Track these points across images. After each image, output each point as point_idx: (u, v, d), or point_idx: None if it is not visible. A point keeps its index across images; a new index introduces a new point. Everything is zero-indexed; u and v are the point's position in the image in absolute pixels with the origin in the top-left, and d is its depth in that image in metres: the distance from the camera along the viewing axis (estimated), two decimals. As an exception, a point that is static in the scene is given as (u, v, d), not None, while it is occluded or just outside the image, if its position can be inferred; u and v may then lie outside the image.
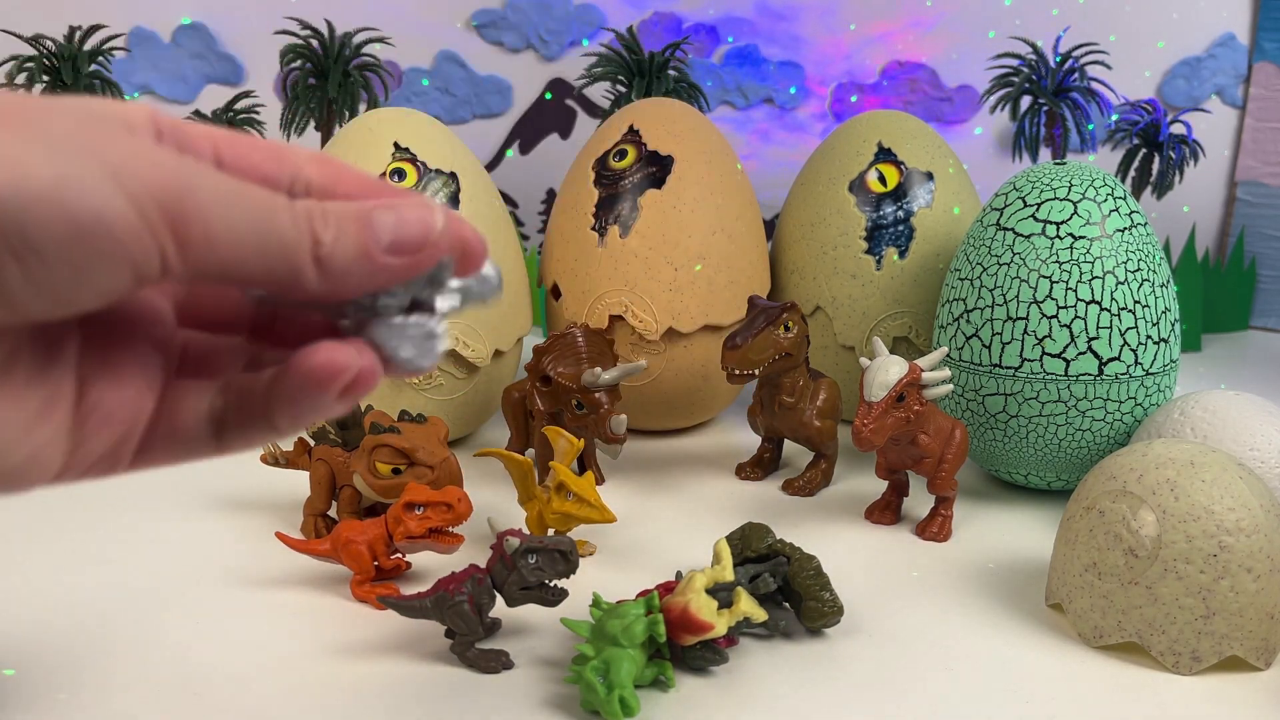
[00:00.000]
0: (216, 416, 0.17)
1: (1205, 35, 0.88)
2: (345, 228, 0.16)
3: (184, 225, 0.15)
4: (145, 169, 0.14)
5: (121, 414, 0.17)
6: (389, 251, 0.16)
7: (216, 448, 0.18)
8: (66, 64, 0.68)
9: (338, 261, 0.16)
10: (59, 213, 0.14)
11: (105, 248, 0.14)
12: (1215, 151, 0.89)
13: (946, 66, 0.89)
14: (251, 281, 0.16)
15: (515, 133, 0.90)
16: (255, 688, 0.38)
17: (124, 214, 0.14)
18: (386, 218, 0.17)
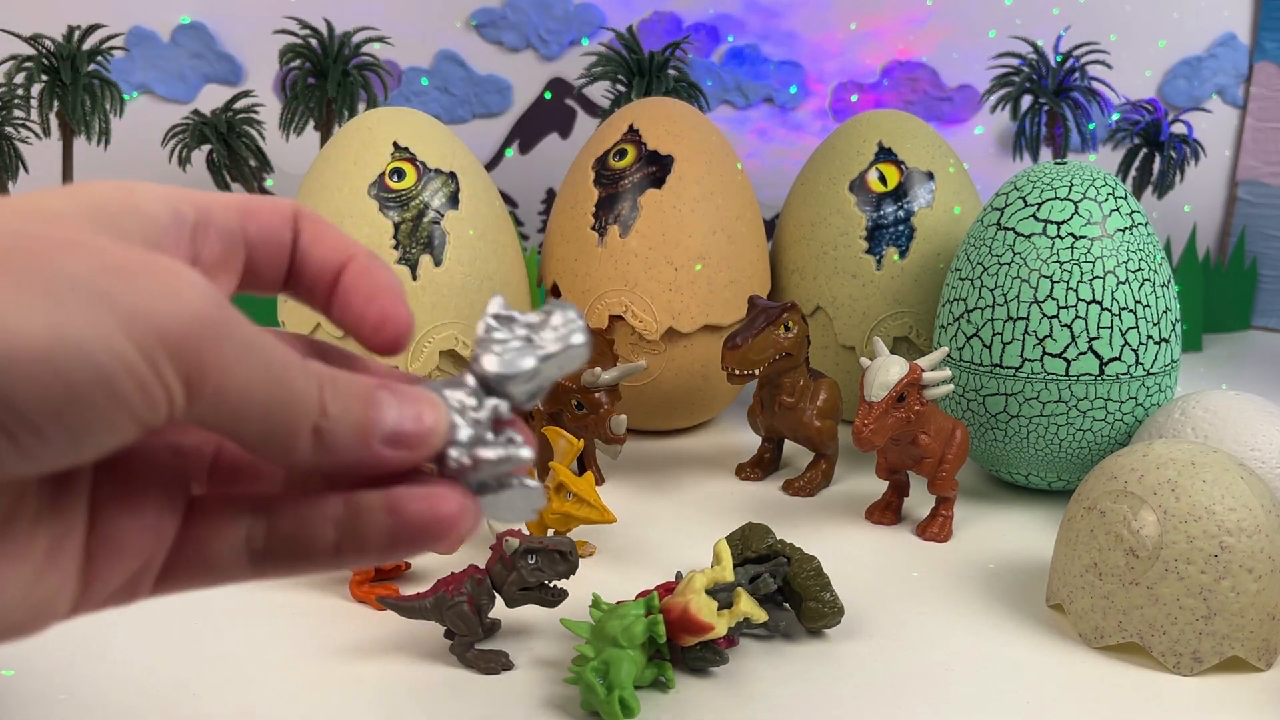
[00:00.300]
0: (255, 546, 0.16)
1: (1206, 35, 0.88)
2: (350, 406, 0.15)
3: (199, 377, 0.14)
4: (164, 315, 0.13)
5: (138, 546, 0.15)
6: (385, 442, 0.16)
7: (253, 575, 0.16)
8: (65, 63, 0.68)
9: (336, 439, 0.15)
10: (52, 377, 0.12)
11: (105, 408, 0.13)
12: (1216, 151, 0.89)
13: (947, 66, 0.89)
14: (242, 438, 0.15)
15: (515, 132, 0.90)
16: (254, 688, 0.38)
17: (133, 366, 0.13)
18: (390, 406, 0.16)
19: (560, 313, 0.17)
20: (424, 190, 0.57)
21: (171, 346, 0.13)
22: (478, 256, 0.57)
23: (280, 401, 0.15)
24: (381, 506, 0.16)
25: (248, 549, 0.16)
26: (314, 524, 0.16)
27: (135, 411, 0.13)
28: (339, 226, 0.68)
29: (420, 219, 0.56)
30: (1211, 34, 0.88)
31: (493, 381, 0.17)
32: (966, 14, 0.88)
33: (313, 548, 0.16)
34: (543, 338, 0.17)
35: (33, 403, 0.12)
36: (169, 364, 0.13)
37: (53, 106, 0.69)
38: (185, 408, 0.14)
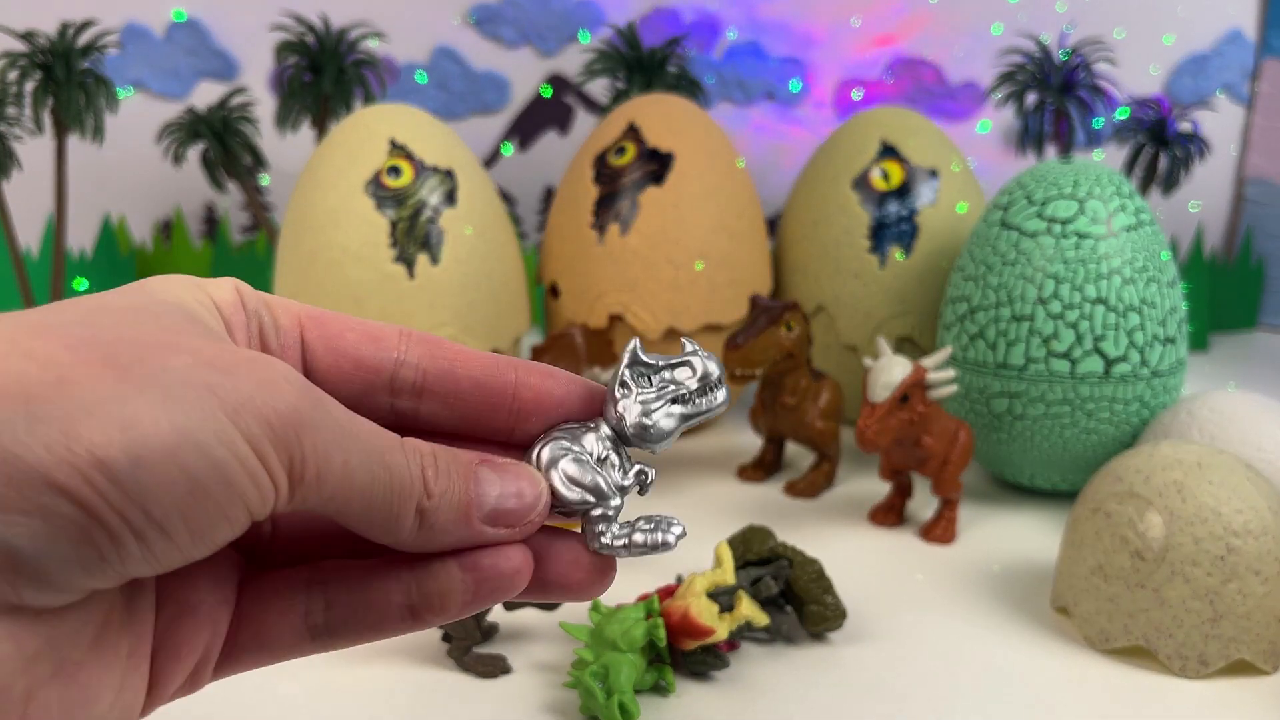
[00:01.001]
0: (315, 621, 0.16)
1: (1212, 31, 0.88)
2: (453, 484, 0.15)
3: (300, 464, 0.14)
4: (264, 406, 0.13)
5: (196, 641, 0.15)
6: (487, 520, 0.16)
7: (316, 649, 0.16)
8: (59, 60, 0.68)
9: (438, 518, 0.15)
10: (178, 473, 0.12)
11: (226, 505, 0.13)
12: (1223, 149, 0.88)
13: (951, 62, 0.88)
14: (346, 520, 0.15)
15: (513, 129, 0.89)
16: (251, 691, 0.37)
17: (245, 457, 0.13)
18: (492, 480, 0.16)
19: (703, 365, 0.17)
20: (421, 188, 0.56)
21: (274, 435, 0.13)
22: (475, 255, 0.57)
23: (383, 484, 0.15)
24: (455, 565, 0.16)
25: (307, 625, 0.16)
26: (380, 593, 0.16)
27: (249, 503, 0.13)
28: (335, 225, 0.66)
29: (417, 217, 0.56)
30: (1218, 30, 0.88)
31: (631, 436, 0.17)
32: (971, 10, 0.87)
33: (382, 616, 0.16)
34: (686, 396, 0.17)
35: (161, 500, 0.12)
36: (274, 454, 0.13)
37: (46, 103, 0.69)
38: (289, 497, 0.14)
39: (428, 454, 0.15)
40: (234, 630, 0.16)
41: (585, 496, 0.16)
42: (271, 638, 0.16)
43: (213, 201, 0.86)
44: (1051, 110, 0.75)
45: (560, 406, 0.17)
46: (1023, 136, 0.76)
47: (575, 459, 0.17)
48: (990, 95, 0.81)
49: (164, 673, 0.15)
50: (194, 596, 0.15)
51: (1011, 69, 0.76)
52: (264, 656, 0.16)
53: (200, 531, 0.13)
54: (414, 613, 0.16)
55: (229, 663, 0.16)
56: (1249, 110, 0.89)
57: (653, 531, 0.16)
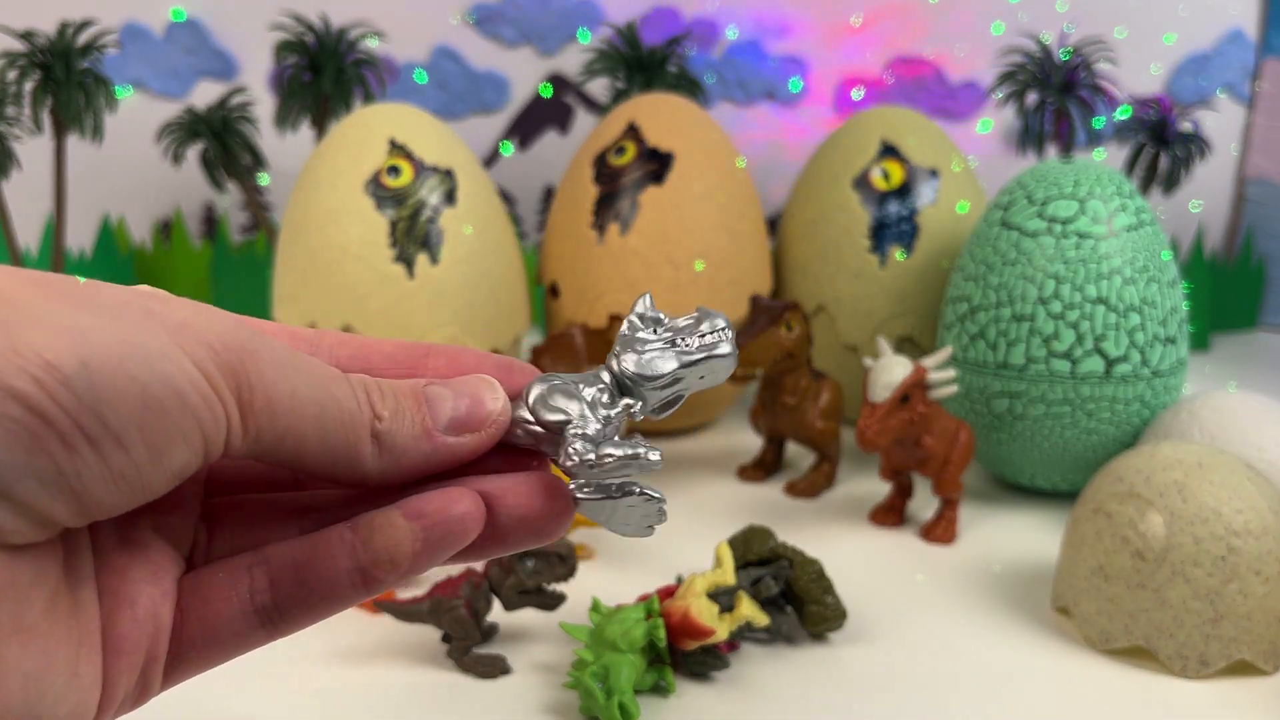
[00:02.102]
0: (261, 601, 0.15)
1: (1213, 31, 0.88)
2: (402, 404, 0.15)
3: (248, 390, 0.14)
4: (205, 329, 0.13)
5: (135, 639, 0.14)
6: (450, 430, 0.15)
7: (269, 633, 0.15)
8: (58, 60, 0.68)
9: (398, 439, 0.15)
10: (128, 382, 0.12)
11: (179, 420, 0.13)
12: (1223, 148, 0.88)
13: (951, 62, 0.88)
14: (307, 460, 0.15)
15: (513, 129, 0.89)
16: (250, 692, 0.37)
17: (192, 376, 0.13)
18: (443, 394, 0.16)
19: (709, 321, 0.17)
20: (421, 187, 0.56)
21: (218, 359, 0.13)
22: (475, 255, 0.57)
23: (330, 409, 0.14)
24: (400, 516, 0.15)
25: (254, 608, 0.15)
26: (325, 561, 0.15)
27: (203, 423, 0.13)
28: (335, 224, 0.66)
29: (417, 217, 0.56)
30: (1219, 30, 0.88)
31: (629, 381, 0.16)
32: (971, 9, 0.87)
33: (331, 585, 0.15)
34: (687, 344, 0.17)
35: (115, 406, 0.12)
36: (219, 376, 0.13)
37: (46, 103, 0.68)
38: (241, 426, 0.14)
39: (370, 382, 0.15)
40: (179, 625, 0.15)
41: (563, 415, 0.16)
42: (219, 628, 0.15)
43: (212, 201, 0.85)
44: (1052, 110, 0.74)
45: (477, 365, 0.17)
46: (1023, 136, 0.76)
47: (560, 388, 0.16)
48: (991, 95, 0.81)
49: (111, 671, 0.14)
50: (131, 589, 0.15)
51: (1012, 68, 0.76)
52: (214, 651, 0.15)
53: (157, 447, 0.13)
54: (365, 575, 0.15)
55: (179, 662, 0.15)
56: (1250, 110, 0.89)
57: (626, 444, 0.16)
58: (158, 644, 0.15)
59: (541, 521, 0.16)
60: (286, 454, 0.14)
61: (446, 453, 0.16)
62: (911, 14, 0.88)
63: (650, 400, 0.17)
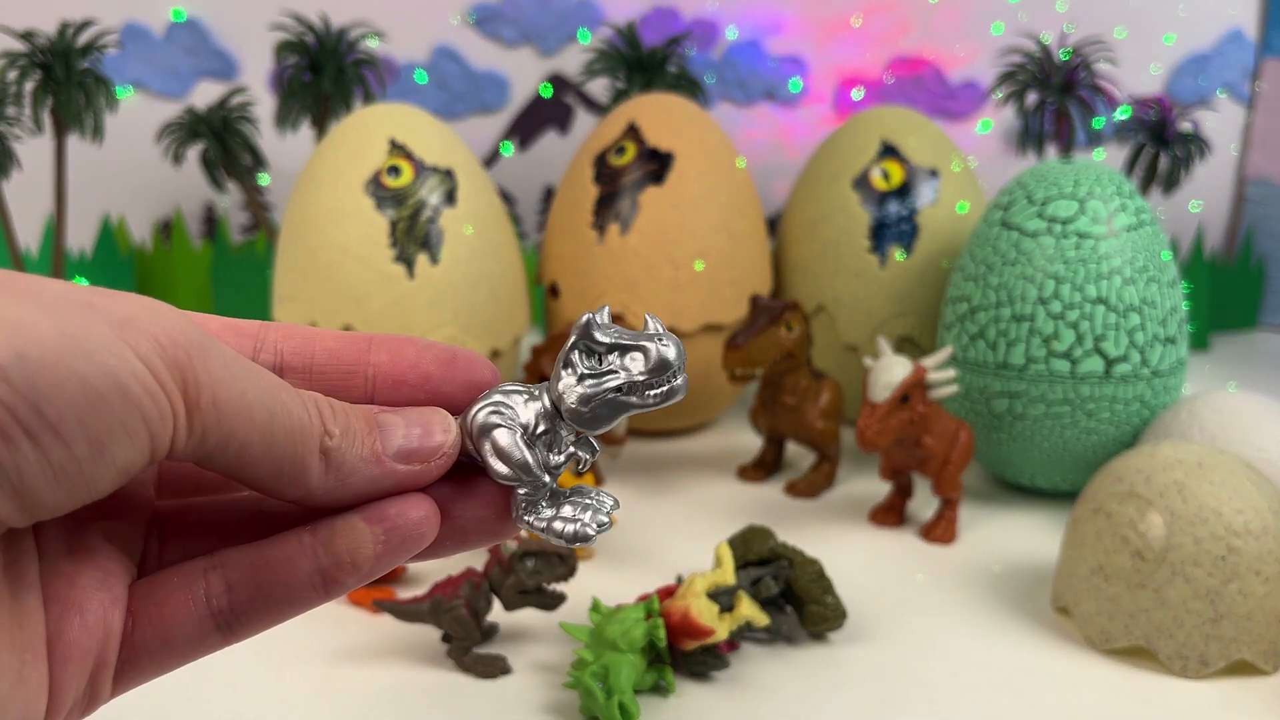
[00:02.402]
0: (218, 605, 0.15)
1: (1213, 31, 0.88)
2: (353, 424, 0.15)
3: (194, 387, 0.13)
4: (150, 324, 0.13)
5: (84, 645, 0.14)
6: (398, 458, 0.15)
7: (225, 637, 0.15)
8: (58, 60, 0.68)
9: (346, 458, 0.15)
10: (70, 377, 0.12)
11: (122, 414, 0.12)
12: (1223, 148, 0.88)
13: (951, 62, 0.88)
14: (253, 469, 0.14)
15: (513, 129, 0.89)
16: (250, 692, 0.37)
17: (138, 375, 0.13)
18: (395, 421, 0.16)
19: (656, 350, 0.15)
20: (421, 187, 0.56)
21: (164, 354, 0.13)
22: (475, 255, 0.57)
23: (281, 422, 0.14)
24: (360, 520, 0.15)
25: (210, 613, 0.15)
26: (284, 564, 0.15)
27: (147, 417, 0.13)
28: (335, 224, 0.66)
29: (417, 217, 0.56)
30: (1218, 30, 0.88)
31: (566, 418, 0.16)
32: (971, 9, 0.87)
33: (290, 588, 0.15)
34: (633, 385, 0.15)
35: (53, 399, 0.12)
36: (165, 371, 0.13)
37: (46, 103, 0.68)
38: (187, 424, 0.13)
39: (321, 399, 0.15)
40: (130, 631, 0.15)
41: (513, 472, 0.16)
42: (173, 633, 0.15)
43: (212, 201, 0.85)
44: (1052, 110, 0.74)
45: (415, 368, 0.17)
46: (1023, 136, 0.76)
47: (508, 429, 0.16)
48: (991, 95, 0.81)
49: (58, 678, 0.14)
50: (80, 596, 0.14)
51: (1012, 68, 0.76)
52: (167, 656, 0.15)
53: (99, 441, 0.12)
54: (325, 577, 0.15)
55: (131, 668, 0.15)
56: (1250, 110, 0.89)
57: (573, 521, 0.16)
58: (107, 650, 0.14)
59: (496, 524, 0.16)
60: (230, 459, 0.14)
61: (393, 480, 0.15)
62: (911, 14, 0.88)
63: (589, 431, 0.16)
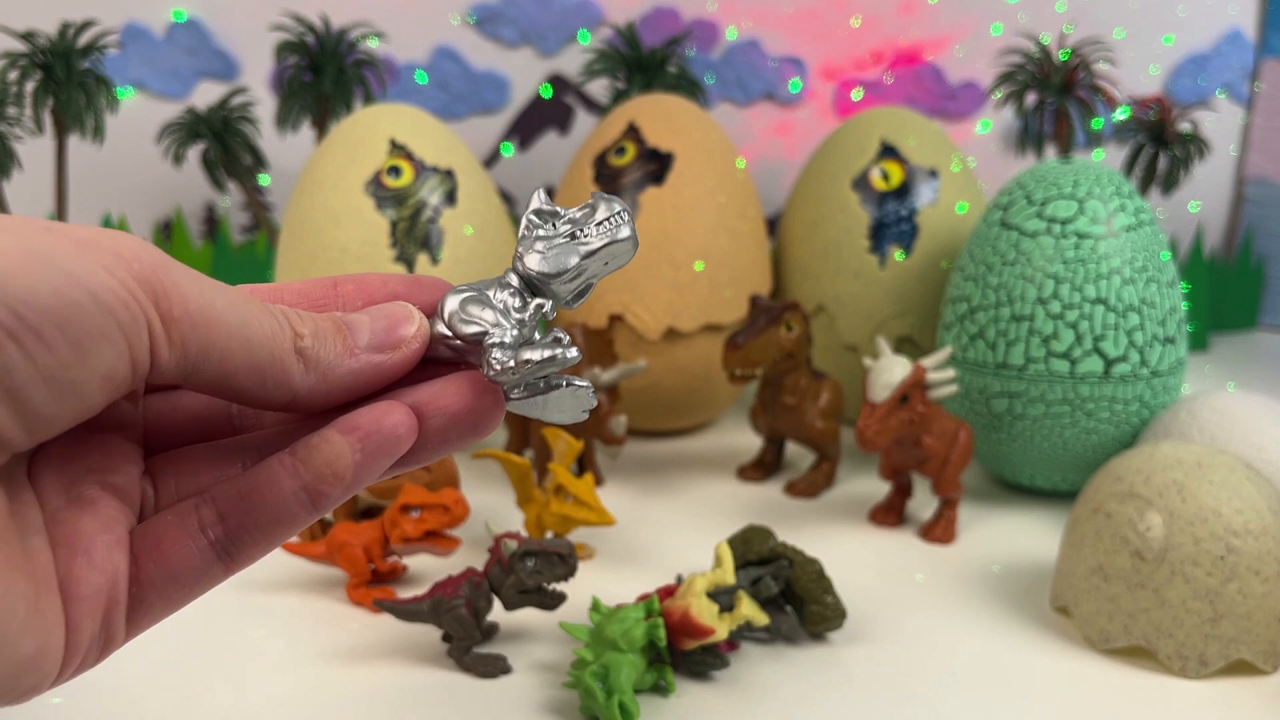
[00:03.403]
0: (215, 535, 0.16)
1: (1212, 31, 0.88)
2: (321, 327, 0.16)
3: (164, 298, 0.14)
4: (112, 242, 0.14)
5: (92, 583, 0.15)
6: (370, 348, 0.16)
7: (226, 566, 0.16)
8: (59, 60, 0.68)
9: (321, 355, 0.16)
10: (41, 285, 0.13)
11: (98, 319, 0.13)
12: (1223, 149, 0.88)
13: (951, 62, 0.88)
14: (237, 378, 0.15)
15: (513, 129, 0.89)
16: (251, 691, 0.37)
17: (106, 283, 0.13)
18: (360, 319, 0.16)
19: (605, 205, 0.17)
20: (421, 188, 0.56)
21: (129, 268, 0.13)
22: (475, 255, 0.57)
23: (253, 326, 0.15)
24: (335, 433, 0.16)
25: (209, 542, 0.16)
26: (269, 486, 0.16)
27: (121, 321, 0.13)
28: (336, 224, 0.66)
29: (417, 217, 0.56)
30: (1218, 31, 0.88)
31: (536, 280, 0.17)
32: (971, 10, 0.87)
33: (278, 508, 0.16)
34: (587, 233, 0.17)
35: (29, 303, 0.12)
36: (134, 283, 0.13)
37: (46, 103, 0.69)
38: (164, 335, 0.14)
39: (286, 308, 0.16)
40: (136, 571, 0.15)
41: (479, 326, 0.16)
42: (175, 567, 0.15)
43: (213, 201, 0.86)
44: (1051, 110, 0.74)
45: (382, 289, 0.17)
46: (1023, 136, 0.76)
47: (473, 299, 0.17)
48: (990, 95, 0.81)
49: (73, 616, 0.14)
50: (85, 540, 0.15)
51: (1011, 69, 0.76)
52: (175, 591, 0.16)
53: (80, 344, 0.13)
54: (310, 492, 0.16)
55: (142, 606, 0.15)
56: (1249, 110, 0.89)
57: (543, 345, 0.16)
58: (117, 589, 0.15)
59: (475, 416, 0.17)
60: (214, 370, 0.15)
61: (371, 369, 0.16)
62: (911, 15, 0.88)
63: (560, 294, 0.17)
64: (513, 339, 0.16)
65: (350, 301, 0.17)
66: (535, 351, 0.16)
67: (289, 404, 0.16)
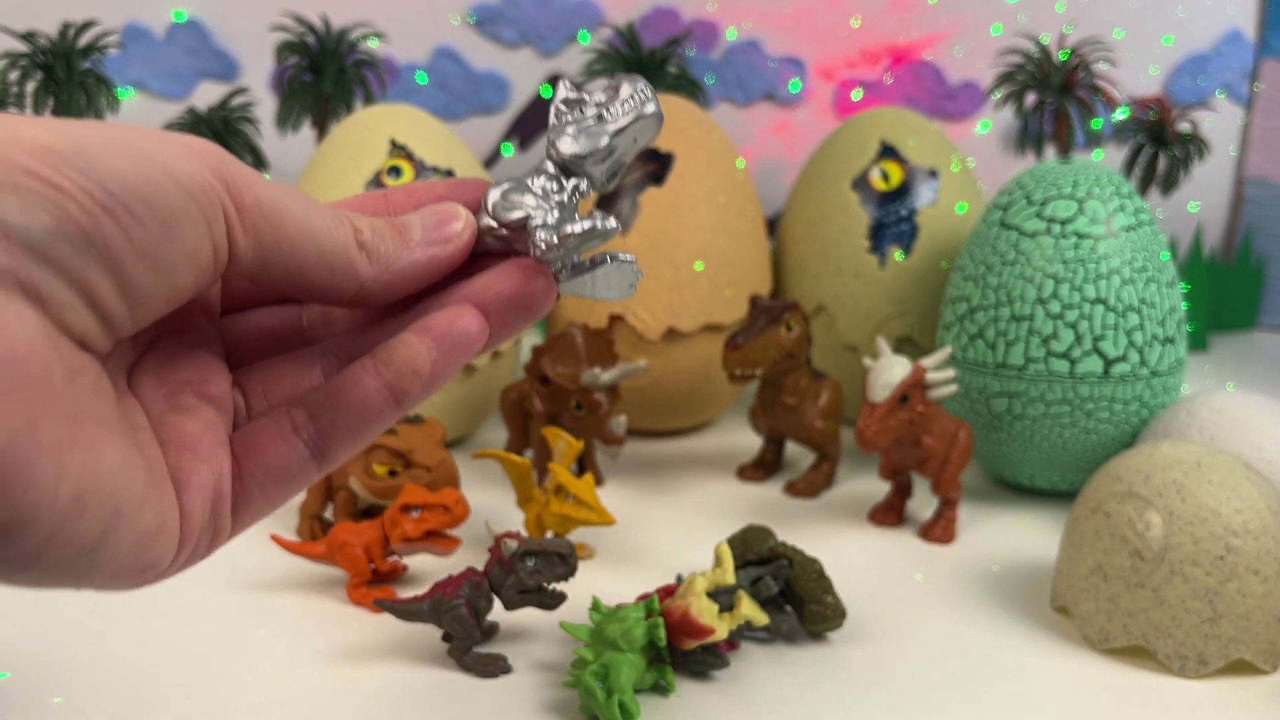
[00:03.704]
0: (307, 434, 0.17)
1: (1212, 32, 0.88)
2: (377, 225, 0.17)
3: (235, 188, 0.15)
4: (181, 139, 0.15)
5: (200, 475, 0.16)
6: (425, 241, 0.17)
7: (319, 462, 0.17)
8: (59, 60, 0.68)
9: (382, 249, 0.17)
10: (126, 166, 0.14)
11: (180, 200, 0.14)
12: (1222, 149, 0.88)
13: (950, 63, 0.89)
14: (310, 271, 0.16)
15: (513, 129, 0.89)
16: (251, 691, 0.37)
17: (184, 168, 0.14)
18: (410, 219, 0.18)
19: (628, 84, 0.18)
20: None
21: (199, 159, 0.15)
22: (476, 255, 0.57)
23: (316, 220, 0.16)
24: (411, 335, 0.17)
25: (301, 440, 0.17)
26: (354, 386, 0.17)
27: (202, 206, 0.14)
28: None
29: (418, 217, 0.56)
30: (1217, 31, 0.88)
31: (570, 163, 0.18)
32: (970, 10, 0.88)
33: (364, 406, 0.17)
34: (613, 112, 0.18)
35: (117, 181, 0.14)
36: (205, 170, 0.15)
37: (47, 104, 0.69)
38: (240, 224, 0.15)
39: (340, 208, 0.17)
40: (238, 467, 0.17)
41: (521, 212, 0.17)
42: (274, 463, 0.17)
43: (213, 202, 0.85)
44: (1051, 110, 0.75)
45: (429, 193, 0.19)
46: (1022, 137, 0.76)
47: (514, 188, 0.18)
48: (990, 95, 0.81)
49: (186, 503, 0.16)
50: (189, 437, 0.16)
51: (1011, 69, 0.76)
52: (274, 486, 0.17)
53: (166, 222, 0.14)
54: (392, 389, 0.17)
55: (245, 502, 0.17)
56: (1248, 110, 0.89)
57: (585, 220, 0.17)
58: (222, 481, 0.16)
59: (528, 298, 0.18)
60: (286, 261, 0.16)
61: (429, 261, 0.17)
62: (910, 15, 0.88)
63: (595, 175, 0.18)
64: (554, 220, 0.17)
65: (400, 207, 0.19)
66: (576, 225, 0.17)
67: (356, 296, 0.17)
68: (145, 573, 0.15)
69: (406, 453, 0.45)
